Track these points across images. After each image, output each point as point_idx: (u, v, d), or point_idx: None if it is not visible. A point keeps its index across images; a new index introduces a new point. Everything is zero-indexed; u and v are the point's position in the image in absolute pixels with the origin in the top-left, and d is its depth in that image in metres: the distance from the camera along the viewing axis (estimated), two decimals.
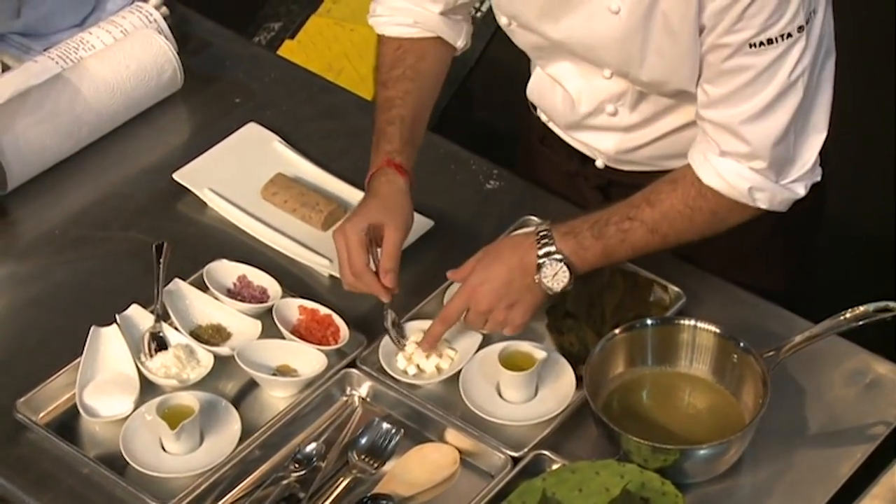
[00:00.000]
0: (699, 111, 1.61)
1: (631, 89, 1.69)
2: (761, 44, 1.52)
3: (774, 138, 1.57)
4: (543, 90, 1.79)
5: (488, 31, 3.15)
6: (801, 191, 1.62)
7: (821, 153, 1.62)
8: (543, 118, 1.86)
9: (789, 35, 1.52)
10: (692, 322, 1.61)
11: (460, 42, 1.82)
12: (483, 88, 3.17)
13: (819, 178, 1.63)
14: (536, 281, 1.61)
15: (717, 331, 1.60)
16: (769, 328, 1.68)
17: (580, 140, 1.82)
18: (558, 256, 1.60)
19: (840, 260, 2.53)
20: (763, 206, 1.61)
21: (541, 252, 1.61)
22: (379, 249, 1.67)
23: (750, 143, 1.57)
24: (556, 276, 1.61)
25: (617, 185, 1.83)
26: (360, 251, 1.65)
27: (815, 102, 1.59)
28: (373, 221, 1.66)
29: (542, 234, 1.62)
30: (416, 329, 1.69)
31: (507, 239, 1.69)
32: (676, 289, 1.72)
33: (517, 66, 1.93)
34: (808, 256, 1.92)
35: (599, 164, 1.82)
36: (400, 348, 1.66)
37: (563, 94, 1.75)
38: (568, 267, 1.61)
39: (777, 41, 1.52)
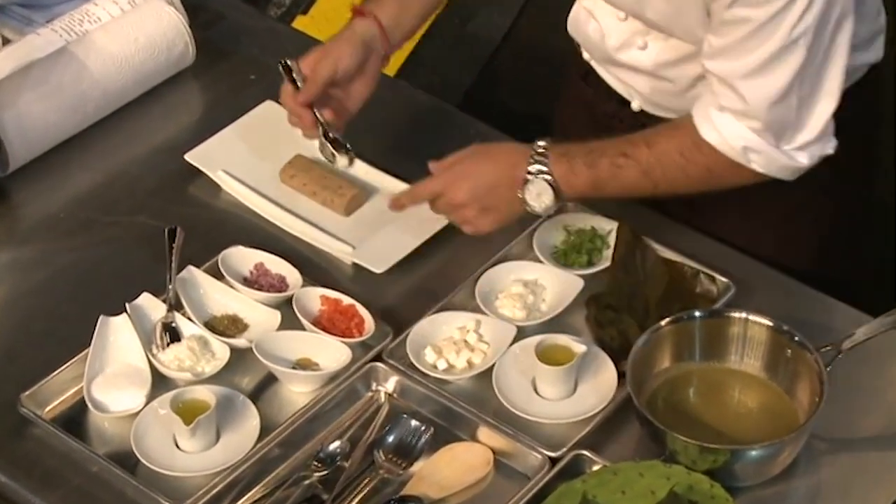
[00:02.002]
0: (703, 61, 1.66)
1: None
2: None
3: (772, 97, 1.60)
4: (579, 22, 1.85)
5: (515, 7, 3.16)
6: (804, 160, 1.65)
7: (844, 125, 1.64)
8: (586, 56, 1.91)
9: None
10: (743, 314, 1.62)
11: None
12: (510, 67, 3.18)
13: (831, 152, 1.66)
14: (519, 195, 1.68)
15: (770, 324, 1.61)
16: (825, 321, 1.69)
17: (617, 77, 1.86)
18: (548, 177, 1.67)
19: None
20: (759, 169, 1.65)
21: (532, 168, 1.68)
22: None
23: (746, 99, 1.61)
24: (539, 196, 1.68)
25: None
26: (286, 84, 1.80)
27: (826, 67, 1.61)
28: (307, 57, 1.80)
29: (538, 150, 1.69)
30: (446, 320, 1.70)
31: (504, 144, 1.76)
32: (725, 279, 1.73)
33: (545, 43, 1.95)
34: (868, 247, 1.93)
35: (635, 105, 1.86)
36: (329, 161, 1.80)
37: (595, 26, 1.81)
38: (554, 190, 1.67)
39: None
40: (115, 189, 1.91)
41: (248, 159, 1.91)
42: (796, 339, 1.60)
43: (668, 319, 1.63)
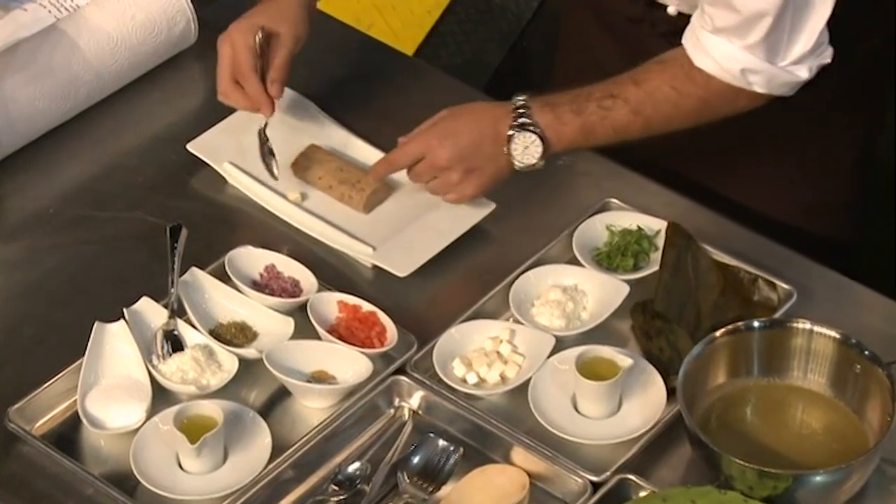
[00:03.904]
0: None
1: None
2: None
3: (767, 7, 1.67)
4: None
5: None
6: (803, 74, 1.76)
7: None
8: None
9: None
10: (807, 325, 1.64)
11: None
12: (540, 46, 3.19)
13: (828, 61, 1.76)
14: (505, 152, 1.77)
15: (837, 335, 1.63)
16: None
17: None
18: (533, 129, 1.77)
19: None
20: (760, 89, 1.75)
21: (515, 122, 1.77)
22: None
23: (741, 11, 1.69)
24: (527, 150, 1.78)
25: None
26: (247, 53, 1.84)
27: None
28: (264, 25, 1.85)
29: (519, 103, 1.79)
30: (476, 329, 1.73)
31: (481, 102, 1.84)
32: (786, 286, 1.75)
33: None
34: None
35: (672, 10, 1.91)
36: (272, 177, 1.86)
37: None
38: (542, 141, 1.77)
39: None
40: (110, 182, 1.94)
41: (257, 150, 1.92)
42: (866, 352, 1.62)
43: (723, 330, 1.65)
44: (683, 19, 1.89)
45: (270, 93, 1.85)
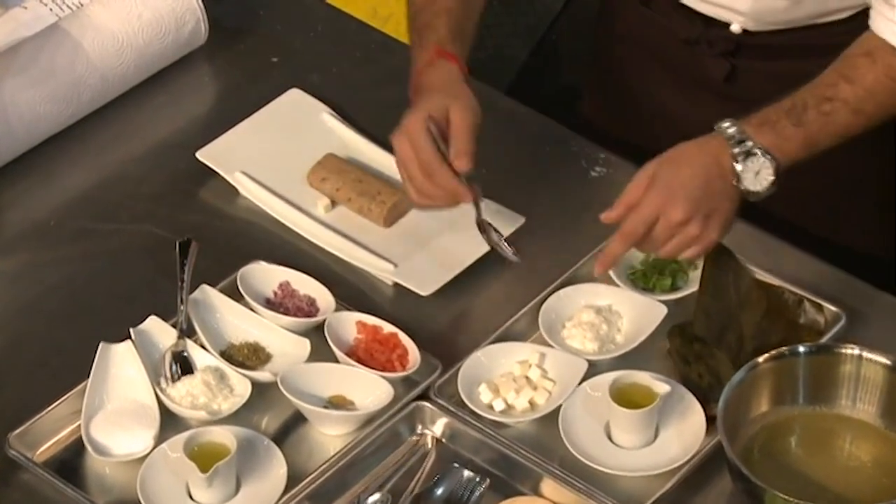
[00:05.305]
0: None
1: None
2: None
3: None
4: None
5: None
6: None
7: None
8: None
9: None
10: (856, 350, 1.66)
11: None
12: (570, 42, 3.20)
13: None
14: (735, 184, 1.73)
15: (888, 362, 1.65)
16: None
17: (710, 1, 1.90)
18: (758, 151, 1.74)
19: None
20: None
21: (736, 150, 1.74)
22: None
23: None
24: (758, 175, 1.74)
25: (749, 49, 1.92)
26: (427, 145, 1.76)
27: None
28: (435, 109, 1.78)
29: (729, 130, 1.75)
30: (504, 352, 1.75)
31: (685, 144, 1.77)
32: (834, 308, 1.77)
33: None
34: None
35: (735, 28, 1.91)
36: (511, 258, 1.78)
37: None
38: (772, 162, 1.73)
39: None
40: (114, 192, 1.96)
41: (271, 159, 1.95)
42: None
43: (766, 355, 1.67)
44: (747, 37, 1.91)
45: (459, 166, 1.75)
